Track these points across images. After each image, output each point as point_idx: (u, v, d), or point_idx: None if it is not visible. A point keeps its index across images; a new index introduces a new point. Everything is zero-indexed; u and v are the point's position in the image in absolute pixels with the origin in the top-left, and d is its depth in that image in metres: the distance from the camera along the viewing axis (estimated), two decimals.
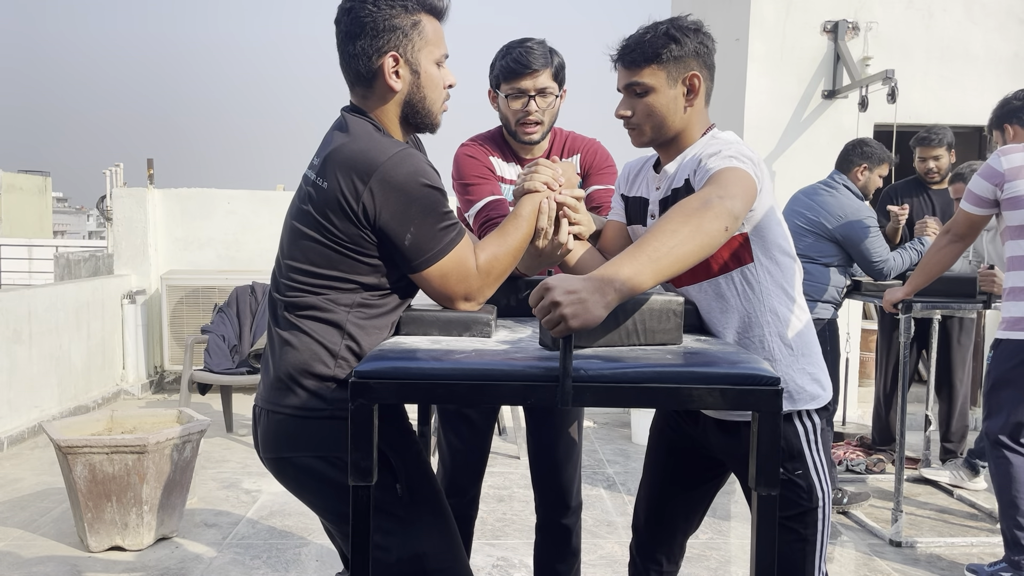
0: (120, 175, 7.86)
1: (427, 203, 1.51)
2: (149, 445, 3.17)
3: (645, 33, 1.69)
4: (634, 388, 1.30)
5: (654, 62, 1.67)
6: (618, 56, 1.72)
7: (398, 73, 1.57)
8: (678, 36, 1.67)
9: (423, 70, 1.59)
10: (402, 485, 1.59)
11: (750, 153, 1.63)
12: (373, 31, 1.54)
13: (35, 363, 5.16)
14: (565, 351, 1.26)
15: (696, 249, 1.39)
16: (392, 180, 1.49)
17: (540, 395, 1.29)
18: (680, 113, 1.70)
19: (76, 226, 43.54)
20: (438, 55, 1.60)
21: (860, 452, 4.56)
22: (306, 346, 1.57)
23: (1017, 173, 2.94)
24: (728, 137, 1.69)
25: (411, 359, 1.36)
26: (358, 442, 1.30)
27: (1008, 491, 2.99)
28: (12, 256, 17.03)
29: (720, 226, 1.42)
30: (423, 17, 1.57)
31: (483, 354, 1.39)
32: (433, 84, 1.60)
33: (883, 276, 3.76)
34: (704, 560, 3.25)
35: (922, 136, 4.22)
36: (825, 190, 3.81)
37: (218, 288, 6.23)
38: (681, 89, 1.69)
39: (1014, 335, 2.96)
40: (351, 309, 1.57)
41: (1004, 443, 3.01)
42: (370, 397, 1.30)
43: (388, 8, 1.54)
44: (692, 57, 1.69)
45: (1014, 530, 2.97)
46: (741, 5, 5.61)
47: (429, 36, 1.57)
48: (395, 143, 1.55)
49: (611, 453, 4.86)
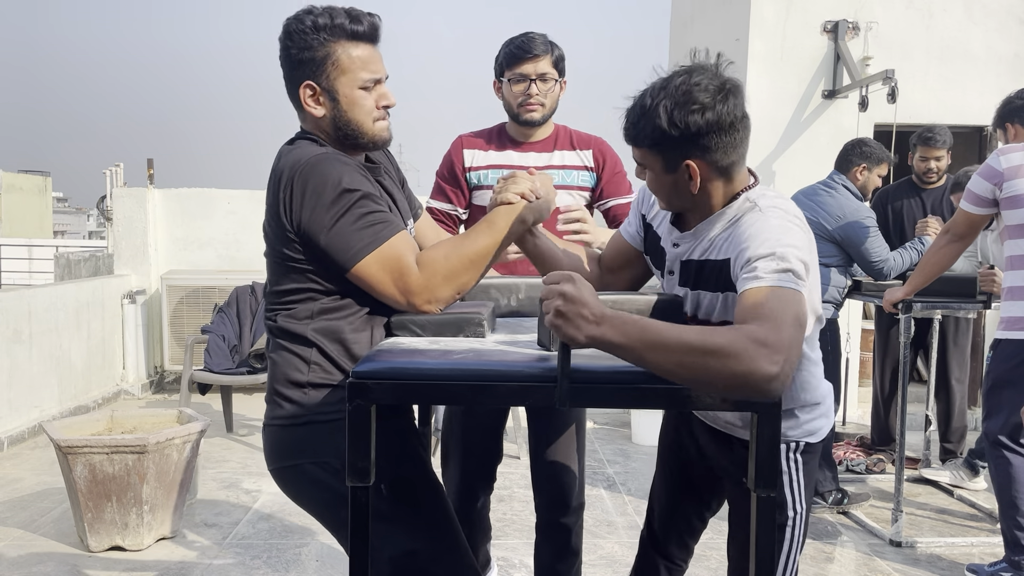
0: (120, 175, 7.85)
1: (343, 204, 1.53)
2: (149, 445, 3.17)
3: (640, 110, 1.49)
4: (633, 389, 1.30)
5: (646, 147, 1.51)
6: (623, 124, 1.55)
7: (318, 100, 1.64)
8: (671, 124, 1.44)
9: (342, 96, 1.63)
10: (386, 484, 1.59)
11: (802, 239, 1.45)
12: (290, 64, 1.64)
13: (35, 363, 5.16)
14: (563, 352, 1.25)
15: (698, 381, 1.26)
16: (308, 182, 1.53)
17: (538, 396, 1.29)
18: (687, 195, 1.53)
19: (76, 226, 43.52)
20: (363, 80, 1.64)
21: (860, 452, 4.56)
22: (283, 359, 1.66)
23: (1016, 172, 2.94)
24: (777, 212, 1.49)
25: (408, 359, 1.35)
26: (355, 443, 1.30)
27: (1008, 491, 2.99)
28: (12, 256, 17.02)
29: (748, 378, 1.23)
30: (338, 47, 1.61)
31: (481, 354, 1.39)
32: (356, 107, 1.64)
33: (883, 276, 3.76)
34: (704, 560, 3.24)
35: (926, 136, 4.20)
36: (824, 190, 3.81)
37: (218, 288, 6.23)
38: (682, 175, 1.51)
39: (1013, 335, 2.95)
40: (313, 318, 1.62)
41: (1004, 443, 3.01)
42: (367, 398, 1.29)
43: (301, 42, 1.61)
44: (690, 145, 1.46)
45: (1014, 530, 2.97)
46: (741, 5, 5.61)
47: (345, 64, 1.62)
48: (319, 149, 1.60)
49: (611, 453, 4.86)
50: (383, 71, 1.67)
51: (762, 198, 1.54)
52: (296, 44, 1.61)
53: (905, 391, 3.56)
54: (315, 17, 1.60)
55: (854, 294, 3.94)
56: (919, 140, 4.25)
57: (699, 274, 1.59)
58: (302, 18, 1.61)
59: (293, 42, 1.62)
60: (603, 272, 1.87)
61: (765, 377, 1.21)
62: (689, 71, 1.47)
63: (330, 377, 1.63)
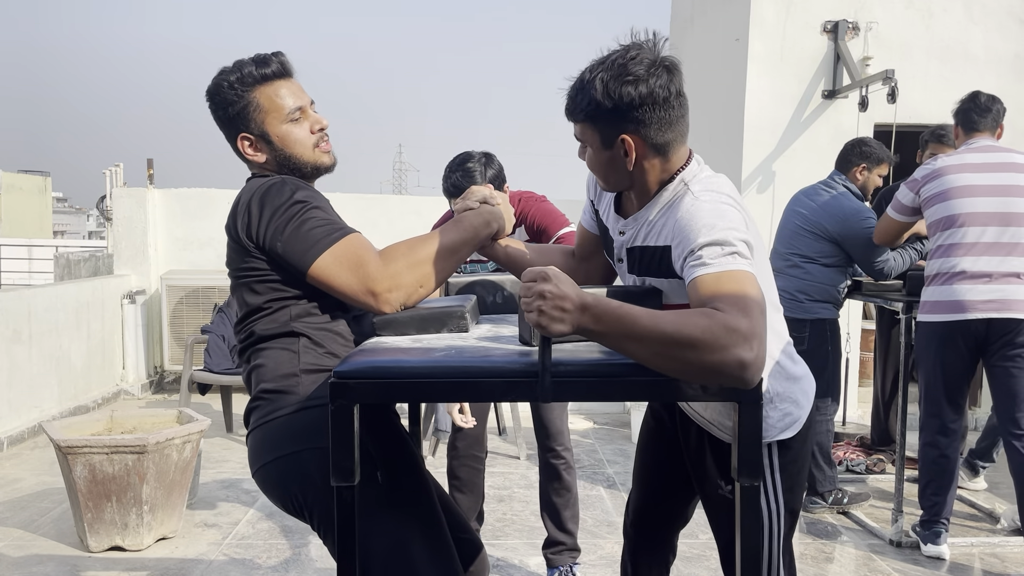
0: (120, 175, 7.84)
1: (295, 211, 1.59)
2: (149, 445, 3.17)
3: (579, 84, 1.50)
4: (615, 381, 1.31)
5: (583, 120, 1.51)
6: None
7: (256, 148, 1.73)
8: (605, 95, 1.45)
9: (274, 135, 1.71)
10: (381, 472, 1.60)
11: (738, 219, 1.44)
12: (222, 123, 1.75)
13: (35, 363, 5.16)
14: (543, 347, 1.26)
15: (674, 371, 1.27)
16: (264, 198, 1.61)
17: (520, 391, 1.29)
18: (624, 171, 1.54)
19: (76, 226, 43.53)
20: (288, 113, 1.71)
21: (860, 452, 4.56)
22: (268, 358, 1.67)
23: (931, 176, 3.29)
24: (709, 195, 1.48)
25: (390, 358, 1.35)
26: (339, 442, 1.29)
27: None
28: (12, 256, 17.02)
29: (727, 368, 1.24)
30: (255, 92, 1.70)
31: (463, 351, 1.39)
32: (291, 141, 1.72)
33: (883, 276, 3.75)
34: (704, 560, 3.24)
35: (939, 133, 4.08)
36: (825, 190, 3.81)
37: (218, 288, 6.23)
38: (618, 150, 1.51)
39: (923, 317, 3.30)
40: (291, 320, 1.66)
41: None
42: (350, 397, 1.29)
43: (222, 101, 1.71)
44: (624, 119, 1.46)
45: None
46: (741, 5, 5.60)
47: (267, 106, 1.70)
48: (275, 178, 1.66)
49: (611, 453, 4.86)
50: (305, 98, 1.75)
51: (695, 181, 1.54)
52: (219, 104, 1.72)
53: (906, 391, 3.56)
54: (227, 75, 1.70)
55: (854, 294, 3.93)
56: (932, 137, 4.12)
57: (642, 261, 1.60)
58: (218, 81, 1.71)
59: (217, 103, 1.73)
60: (578, 263, 1.90)
61: (740, 364, 1.22)
62: (627, 48, 1.48)
63: (321, 363, 1.64)
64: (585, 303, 1.24)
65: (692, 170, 1.56)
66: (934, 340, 3.24)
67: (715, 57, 6.01)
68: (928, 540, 3.31)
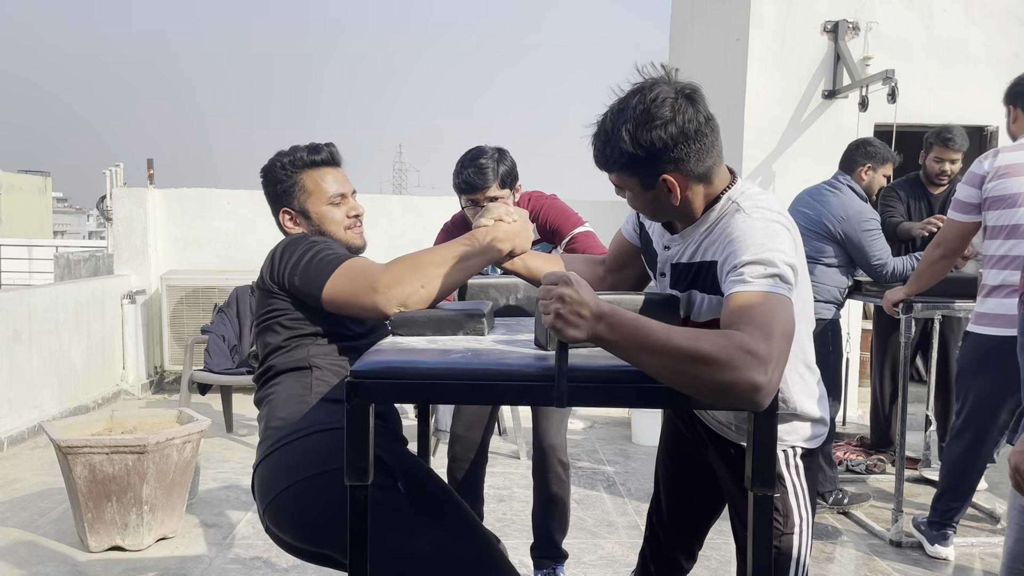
0: (120, 175, 7.84)
1: (307, 247, 1.73)
2: (149, 445, 3.17)
3: (604, 136, 1.48)
4: (630, 388, 1.30)
5: (618, 170, 1.50)
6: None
7: (295, 221, 1.91)
8: (635, 145, 1.43)
9: (313, 213, 1.89)
10: (403, 483, 1.61)
11: (788, 241, 1.43)
12: (270, 198, 1.94)
13: (35, 363, 5.16)
14: (560, 351, 1.26)
15: (685, 386, 1.26)
16: (287, 245, 1.77)
17: (536, 395, 1.29)
18: (670, 206, 1.52)
19: (76, 226, 43.53)
20: (329, 197, 1.89)
21: (860, 452, 4.56)
22: (282, 388, 1.74)
23: (996, 174, 3.04)
24: (760, 212, 1.47)
25: (407, 358, 1.35)
26: (354, 442, 1.30)
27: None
28: (12, 256, 17.02)
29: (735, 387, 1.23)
30: (303, 175, 1.89)
31: (479, 354, 1.39)
32: (327, 220, 1.89)
33: (883, 277, 3.75)
34: (704, 560, 3.24)
35: (944, 136, 4.06)
36: (828, 190, 3.80)
37: (218, 288, 6.23)
38: (660, 189, 1.49)
39: (979, 329, 3.13)
40: (308, 357, 1.75)
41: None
42: (366, 397, 1.29)
43: (273, 179, 1.91)
44: (660, 161, 1.45)
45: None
46: (741, 5, 5.61)
47: (311, 188, 1.89)
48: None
49: (611, 453, 4.86)
50: (348, 187, 1.93)
51: (744, 198, 1.53)
52: (270, 181, 1.91)
53: (905, 391, 3.56)
54: (281, 157, 1.90)
55: (854, 294, 3.94)
56: (937, 140, 4.10)
57: (688, 277, 1.59)
58: (273, 161, 1.91)
59: (268, 180, 1.91)
60: (607, 272, 1.89)
61: (752, 387, 1.21)
62: (642, 88, 1.45)
63: (334, 392, 1.69)
64: (602, 311, 1.24)
65: (739, 188, 1.56)
66: (990, 352, 3.08)
67: (715, 57, 6.02)
68: (935, 541, 3.29)
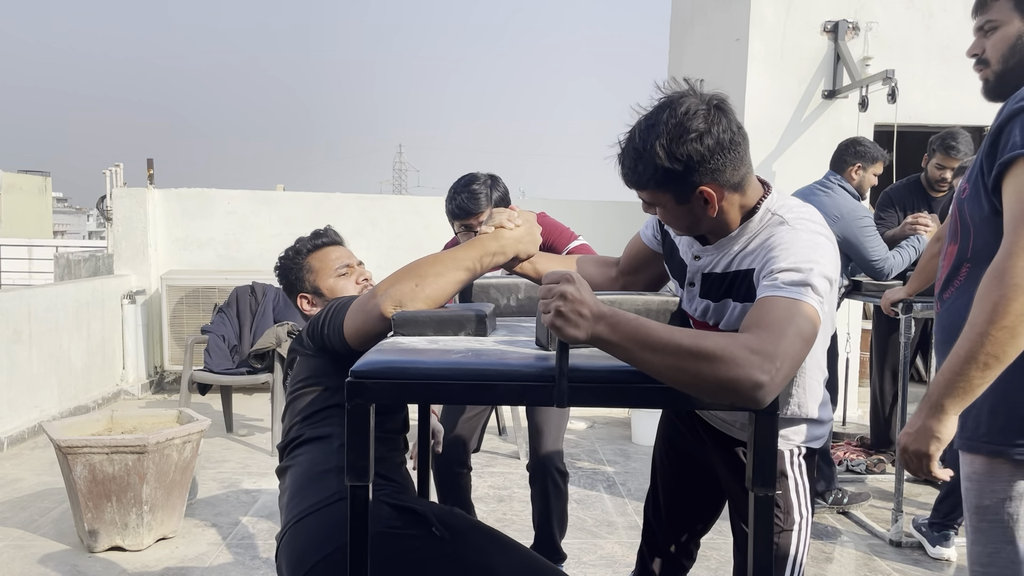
0: (120, 175, 7.85)
1: (332, 303, 1.81)
2: (149, 445, 3.17)
3: (635, 155, 1.47)
4: (631, 388, 1.30)
5: (652, 188, 1.49)
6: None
7: (312, 303, 2.06)
8: (672, 159, 1.43)
9: (324, 288, 2.04)
10: (437, 527, 1.63)
11: (831, 255, 1.45)
12: (287, 289, 2.09)
13: (35, 363, 5.16)
14: (561, 351, 1.25)
15: (686, 384, 1.25)
16: (319, 312, 1.83)
17: (537, 395, 1.28)
18: (707, 218, 1.52)
19: (76, 226, 43.52)
20: (336, 269, 2.04)
21: (860, 452, 4.56)
22: (307, 455, 1.76)
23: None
24: (805, 224, 1.48)
25: (407, 358, 1.35)
26: (354, 442, 1.29)
27: None
28: (12, 256, 17.03)
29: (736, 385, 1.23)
30: (309, 259, 2.06)
31: (480, 354, 1.39)
32: (338, 290, 2.02)
33: (882, 275, 3.75)
34: (704, 560, 3.24)
35: (948, 144, 4.00)
36: (821, 191, 3.80)
37: (218, 288, 6.23)
38: (696, 202, 1.49)
39: None
40: (336, 426, 1.75)
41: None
42: (366, 397, 1.28)
43: (286, 270, 2.07)
44: (698, 173, 1.45)
45: None
46: (741, 5, 5.61)
47: (318, 267, 2.05)
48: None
49: (611, 453, 4.86)
50: (353, 259, 2.08)
51: (786, 210, 1.53)
52: (283, 274, 2.08)
53: (905, 391, 3.56)
54: (287, 250, 2.09)
55: (853, 294, 3.93)
56: (940, 147, 4.04)
57: (723, 287, 1.58)
58: (281, 257, 2.09)
59: (282, 274, 2.08)
60: (620, 274, 1.89)
61: (753, 384, 1.21)
62: (670, 103, 1.45)
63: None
64: (602, 312, 1.24)
65: (776, 199, 1.56)
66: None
67: (715, 57, 6.02)
68: (937, 542, 3.29)
